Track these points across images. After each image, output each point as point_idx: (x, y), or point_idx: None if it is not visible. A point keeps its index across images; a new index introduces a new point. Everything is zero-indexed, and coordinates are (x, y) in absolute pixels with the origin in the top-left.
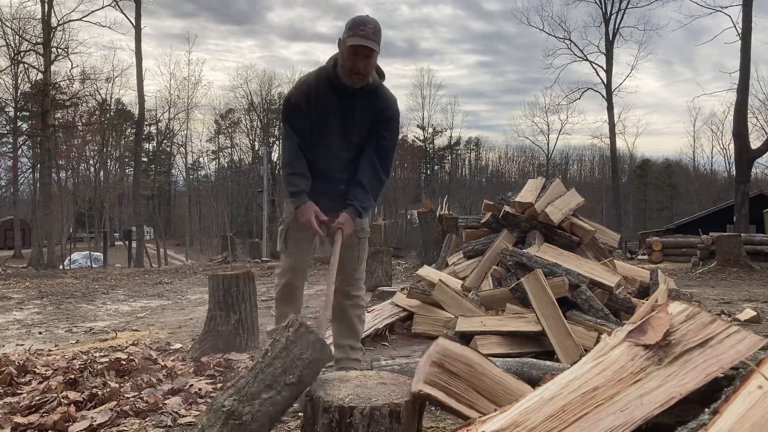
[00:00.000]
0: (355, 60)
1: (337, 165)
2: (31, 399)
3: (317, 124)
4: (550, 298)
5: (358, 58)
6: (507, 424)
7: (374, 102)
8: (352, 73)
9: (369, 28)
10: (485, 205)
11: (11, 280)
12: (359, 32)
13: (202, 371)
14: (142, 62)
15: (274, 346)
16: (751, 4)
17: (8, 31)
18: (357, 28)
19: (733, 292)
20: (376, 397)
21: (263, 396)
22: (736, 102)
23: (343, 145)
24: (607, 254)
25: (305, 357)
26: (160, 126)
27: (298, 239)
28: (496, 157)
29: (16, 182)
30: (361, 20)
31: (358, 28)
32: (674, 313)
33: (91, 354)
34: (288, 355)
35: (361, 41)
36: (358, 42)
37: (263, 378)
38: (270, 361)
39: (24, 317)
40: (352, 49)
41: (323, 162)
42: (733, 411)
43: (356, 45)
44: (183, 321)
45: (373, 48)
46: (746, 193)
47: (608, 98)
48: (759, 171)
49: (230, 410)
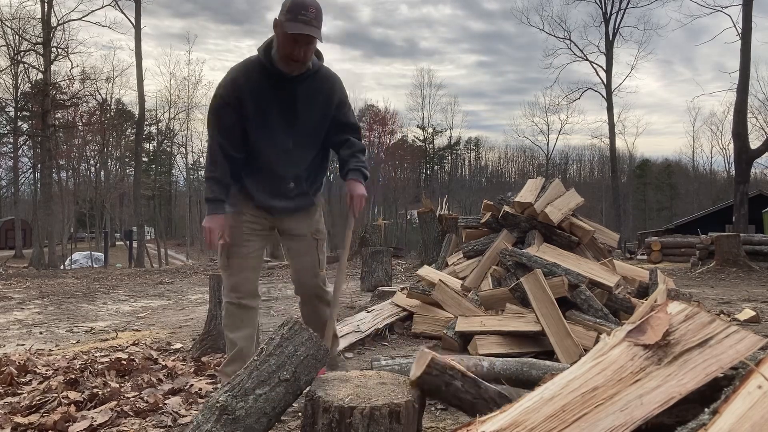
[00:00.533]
0: (293, 48)
1: (284, 159)
2: (32, 399)
3: (256, 118)
4: (549, 297)
5: (297, 45)
6: (507, 423)
7: (317, 86)
8: (290, 61)
9: (311, 13)
10: (485, 205)
11: (12, 280)
12: (300, 17)
13: (202, 371)
14: (142, 62)
15: (269, 344)
16: (751, 4)
17: (8, 30)
18: (297, 11)
19: (732, 292)
20: (376, 397)
21: (257, 392)
22: (736, 102)
23: (288, 137)
24: (607, 254)
25: (299, 354)
26: (161, 126)
27: (242, 255)
28: (495, 157)
29: (16, 182)
30: (301, 2)
31: (298, 12)
32: (673, 313)
33: (91, 354)
34: (282, 352)
35: (302, 29)
36: (299, 30)
37: (258, 375)
38: (264, 359)
39: (25, 317)
40: (292, 37)
41: (267, 157)
42: (733, 411)
43: (296, 33)
44: (184, 321)
45: (316, 36)
46: (745, 193)
47: (608, 98)
48: (758, 171)
49: (224, 405)
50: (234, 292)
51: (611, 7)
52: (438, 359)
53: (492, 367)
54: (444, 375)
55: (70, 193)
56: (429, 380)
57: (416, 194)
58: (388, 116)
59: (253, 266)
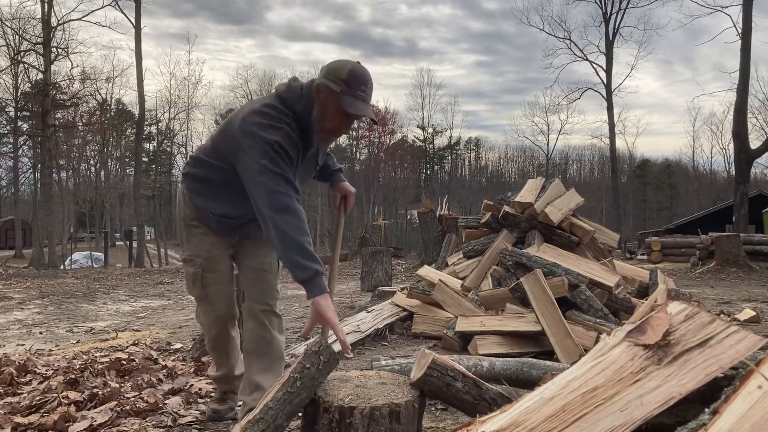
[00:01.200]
0: (343, 125)
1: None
2: (32, 399)
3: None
4: (549, 297)
5: (347, 123)
6: (507, 424)
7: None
8: (332, 136)
9: (369, 90)
10: (485, 205)
11: (12, 280)
12: (359, 94)
13: (202, 371)
14: (142, 62)
15: (303, 374)
16: (751, 4)
17: (8, 30)
18: (357, 86)
19: (732, 292)
20: (376, 397)
21: (285, 425)
22: (736, 102)
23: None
24: (607, 254)
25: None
26: (161, 126)
27: (218, 281)
28: (495, 157)
29: (16, 182)
30: (361, 75)
31: (358, 88)
32: (673, 312)
33: (91, 354)
34: (314, 384)
35: (363, 110)
36: (360, 112)
37: (290, 409)
38: (298, 392)
39: (25, 317)
40: (347, 115)
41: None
42: (733, 411)
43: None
44: (183, 321)
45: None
46: (745, 193)
47: (608, 98)
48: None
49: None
50: (218, 323)
51: (611, 7)
52: (439, 360)
53: (492, 367)
54: (445, 376)
55: (70, 193)
56: (430, 381)
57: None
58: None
59: (229, 293)
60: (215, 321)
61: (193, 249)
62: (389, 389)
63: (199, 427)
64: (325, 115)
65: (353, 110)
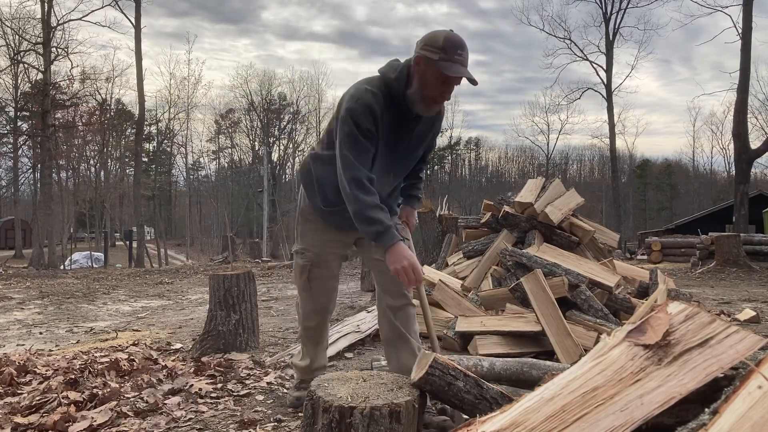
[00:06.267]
0: (444, 90)
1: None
2: (32, 399)
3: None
4: (549, 298)
5: (449, 88)
6: (507, 424)
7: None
8: (434, 103)
9: (466, 53)
10: (485, 205)
11: (12, 280)
12: (456, 58)
13: (202, 371)
14: (142, 62)
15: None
16: (751, 3)
17: (8, 30)
18: (453, 51)
19: (733, 292)
20: (376, 397)
21: None
22: (736, 102)
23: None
24: (607, 254)
25: None
26: (161, 126)
27: (324, 277)
28: (495, 157)
29: (16, 182)
30: (457, 41)
31: (455, 53)
32: (674, 313)
33: (91, 354)
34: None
35: (463, 72)
36: (460, 74)
37: None
38: None
39: (25, 317)
40: (447, 79)
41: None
42: (733, 411)
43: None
44: (183, 321)
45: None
46: (746, 193)
47: (608, 98)
48: (759, 171)
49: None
50: (319, 316)
51: (611, 7)
52: (440, 359)
53: (492, 367)
54: (446, 375)
55: (70, 193)
56: (431, 381)
57: None
58: None
59: (333, 288)
60: (316, 313)
61: (306, 243)
62: (389, 389)
63: (200, 427)
64: (426, 84)
65: (453, 72)
